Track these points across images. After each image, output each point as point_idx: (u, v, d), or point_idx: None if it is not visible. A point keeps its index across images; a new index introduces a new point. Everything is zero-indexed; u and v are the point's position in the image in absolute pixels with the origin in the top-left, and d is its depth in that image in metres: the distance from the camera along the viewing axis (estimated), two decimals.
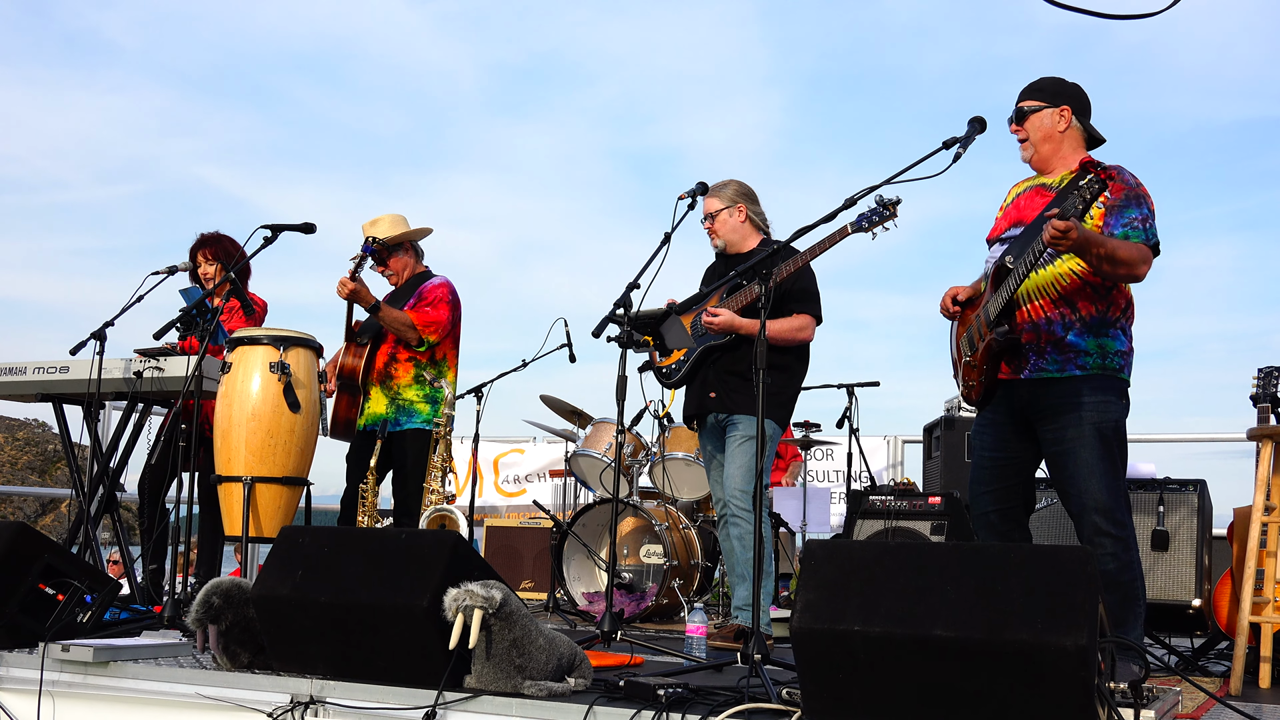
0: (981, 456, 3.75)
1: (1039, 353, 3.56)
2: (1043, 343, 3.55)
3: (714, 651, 4.06)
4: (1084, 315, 3.53)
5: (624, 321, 4.10)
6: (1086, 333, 3.53)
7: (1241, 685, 3.63)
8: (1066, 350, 3.53)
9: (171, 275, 5.20)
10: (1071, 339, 3.53)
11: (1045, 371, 3.55)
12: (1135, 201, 3.50)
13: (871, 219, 3.97)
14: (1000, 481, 3.71)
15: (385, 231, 5.38)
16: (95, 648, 3.37)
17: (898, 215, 3.95)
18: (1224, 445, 7.49)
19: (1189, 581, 4.53)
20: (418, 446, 5.26)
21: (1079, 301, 3.53)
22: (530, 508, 8.10)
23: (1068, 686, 2.34)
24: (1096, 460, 3.48)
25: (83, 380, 4.88)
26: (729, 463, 4.51)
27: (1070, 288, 3.53)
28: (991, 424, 3.72)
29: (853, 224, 4.03)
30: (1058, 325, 3.53)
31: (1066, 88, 3.72)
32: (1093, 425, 3.49)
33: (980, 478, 3.74)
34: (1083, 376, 3.52)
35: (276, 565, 3.25)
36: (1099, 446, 3.49)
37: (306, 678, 3.12)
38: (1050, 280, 3.55)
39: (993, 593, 2.47)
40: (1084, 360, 3.52)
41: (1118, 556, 3.44)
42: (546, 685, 2.90)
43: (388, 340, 5.32)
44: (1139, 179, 3.56)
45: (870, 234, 4.01)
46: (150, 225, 54.28)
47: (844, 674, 2.54)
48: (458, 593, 2.84)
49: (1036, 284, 3.57)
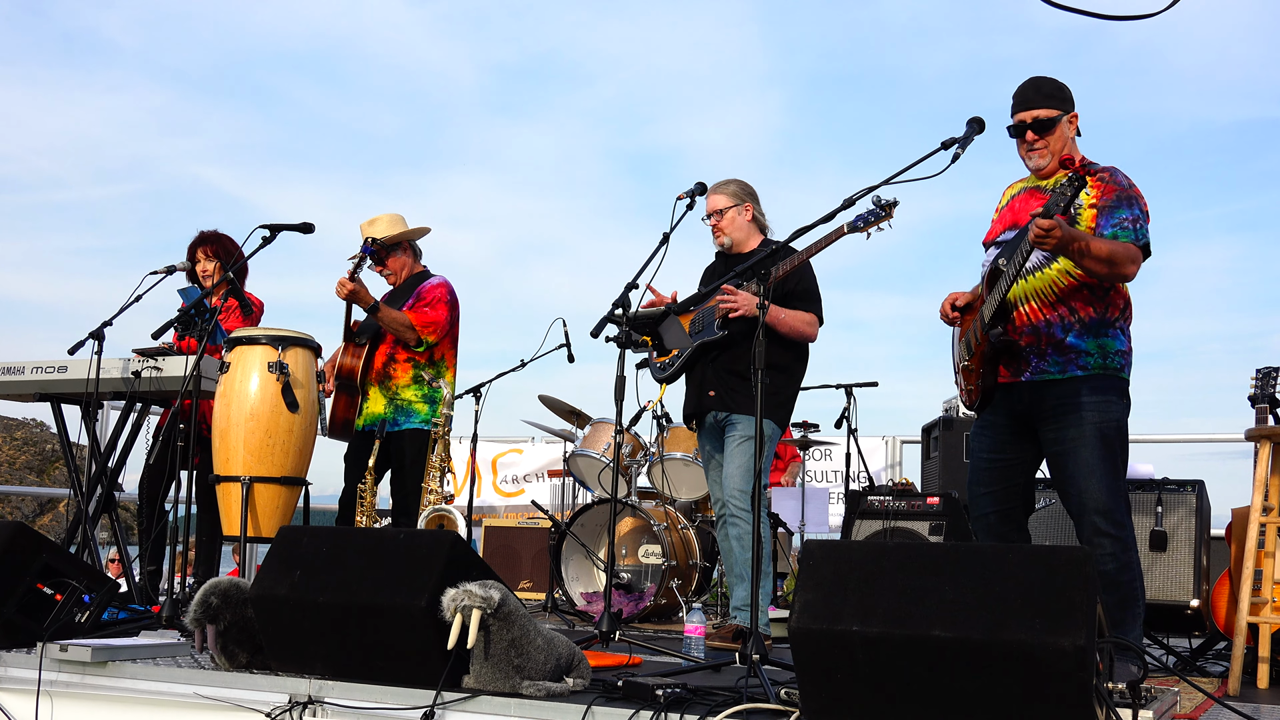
0: (980, 458, 3.75)
1: (1039, 355, 3.56)
2: (1043, 345, 3.56)
3: (712, 652, 4.07)
4: (1083, 317, 3.54)
5: (622, 321, 4.10)
6: (1086, 334, 3.54)
7: (1239, 685, 3.63)
8: (1067, 351, 3.54)
9: (170, 275, 5.20)
10: (1071, 340, 3.54)
11: (1046, 373, 3.56)
12: (1126, 202, 3.51)
13: (867, 219, 3.98)
14: (999, 483, 3.71)
15: (383, 231, 5.39)
16: (93, 648, 3.37)
17: (893, 216, 3.96)
18: (1222, 446, 7.51)
19: (1187, 582, 4.54)
20: (416, 446, 5.26)
21: (1077, 303, 3.54)
22: (528, 508, 8.11)
23: (1066, 687, 2.35)
24: (1097, 461, 3.49)
25: (81, 380, 4.88)
26: (727, 463, 4.51)
27: (1068, 289, 3.54)
28: (991, 426, 3.73)
29: (849, 224, 4.04)
30: (1057, 327, 3.54)
31: (1068, 91, 3.71)
32: (1094, 425, 3.50)
33: (979, 479, 3.75)
34: (1084, 377, 3.53)
35: (275, 565, 3.25)
36: (1100, 447, 3.49)
37: (305, 678, 3.12)
38: (1048, 283, 3.56)
39: (991, 593, 2.47)
40: (1085, 361, 3.53)
41: (1117, 557, 3.45)
42: (545, 685, 2.90)
43: (386, 340, 5.32)
44: (1132, 180, 3.57)
45: (865, 234, 4.02)
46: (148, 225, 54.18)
47: (842, 674, 2.55)
48: (456, 593, 2.84)
49: (1035, 287, 3.58)
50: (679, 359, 4.67)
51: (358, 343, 5.34)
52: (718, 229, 4.72)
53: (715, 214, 4.71)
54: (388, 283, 5.52)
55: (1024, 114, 3.68)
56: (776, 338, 4.45)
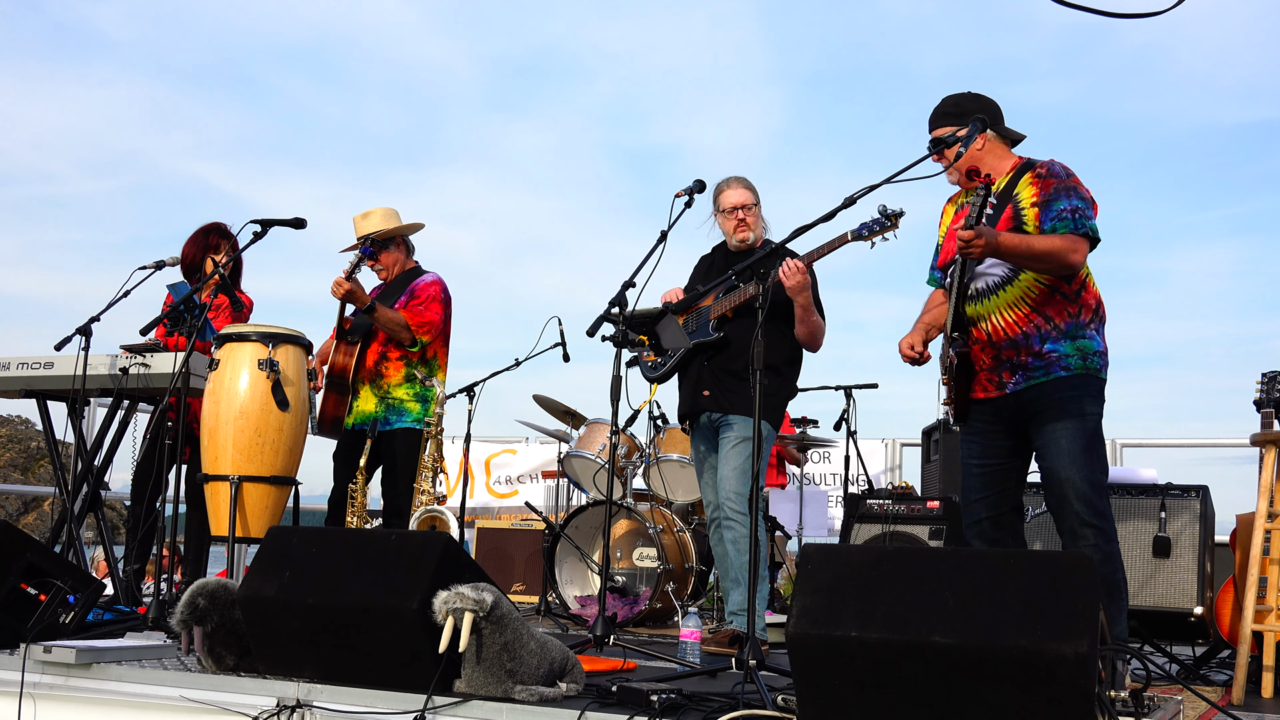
0: (970, 466, 3.81)
1: (1022, 367, 3.65)
2: (1023, 356, 3.64)
3: (708, 657, 4.06)
4: (1058, 324, 3.63)
5: (619, 320, 4.09)
6: (1063, 338, 3.63)
7: (1244, 695, 3.63)
8: (1047, 357, 3.62)
9: (159, 270, 5.19)
10: (1049, 347, 3.63)
11: (1032, 379, 3.63)
12: (1065, 193, 3.58)
13: (872, 228, 3.98)
14: (991, 488, 3.76)
15: (377, 224, 5.39)
16: (78, 649, 3.36)
17: (898, 226, 3.96)
18: (1227, 451, 7.50)
19: (1191, 589, 4.54)
20: (408, 446, 5.26)
21: (1051, 310, 3.63)
22: (522, 509, 8.09)
23: (1068, 695, 2.35)
24: (1079, 450, 3.55)
25: (67, 376, 4.87)
26: (722, 464, 4.50)
27: (1040, 297, 3.64)
28: (980, 434, 3.78)
29: (853, 232, 4.04)
30: (1034, 338, 3.63)
31: (972, 105, 3.79)
32: (1076, 418, 3.57)
33: (972, 485, 3.80)
34: (1067, 377, 3.61)
35: (263, 566, 3.25)
36: (1082, 437, 3.56)
37: (293, 681, 3.11)
38: (1020, 294, 3.65)
39: (991, 599, 2.47)
40: (1067, 363, 3.61)
41: (1100, 548, 3.51)
42: (538, 690, 2.90)
43: (378, 339, 5.31)
44: (1070, 170, 3.65)
45: (869, 243, 4.02)
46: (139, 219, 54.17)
47: (840, 680, 2.54)
48: (448, 595, 2.84)
49: (1008, 299, 3.66)
50: (671, 357, 4.67)
51: (349, 341, 5.33)
52: (744, 224, 4.65)
53: (744, 208, 4.65)
54: (379, 278, 5.51)
55: (930, 135, 3.82)
56: (783, 336, 4.45)
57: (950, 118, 3.78)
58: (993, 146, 3.78)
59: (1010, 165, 3.74)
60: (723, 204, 4.68)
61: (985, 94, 3.83)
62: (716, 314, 4.56)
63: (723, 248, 4.80)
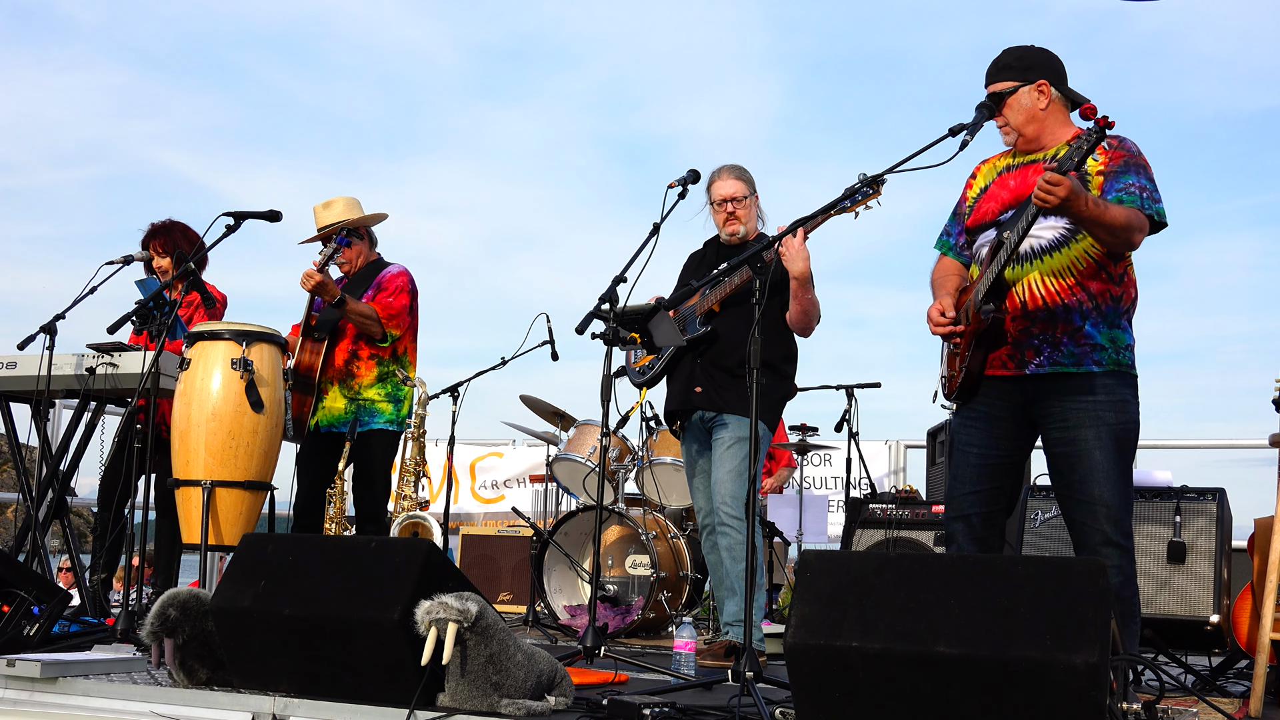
0: (967, 454, 3.68)
1: (1053, 344, 3.51)
2: (1058, 333, 3.51)
3: (703, 669, 4.07)
4: (1100, 304, 3.50)
5: (609, 317, 4.09)
6: (1101, 322, 3.50)
7: (1262, 706, 3.64)
8: (1083, 343, 3.49)
9: (127, 265, 5.18)
10: (1088, 329, 3.49)
11: (1060, 365, 3.51)
12: (1135, 169, 3.48)
13: (854, 197, 3.94)
14: (988, 483, 3.65)
15: (340, 214, 5.40)
16: (43, 662, 3.35)
17: (881, 194, 3.92)
18: (1245, 452, 7.52)
19: (1207, 596, 4.55)
20: (381, 449, 5.25)
21: (1095, 286, 3.50)
22: (509, 515, 8.09)
23: (1078, 706, 2.35)
24: (1112, 465, 3.46)
25: (31, 377, 4.86)
26: (717, 467, 4.49)
27: (1088, 270, 3.50)
28: (986, 418, 3.66)
29: (834, 202, 3.99)
30: (1075, 313, 3.50)
31: (1036, 58, 3.66)
32: (1110, 426, 3.47)
33: (965, 476, 3.68)
34: (1100, 373, 3.49)
35: (237, 575, 3.24)
36: (1115, 450, 3.47)
37: (269, 695, 3.11)
38: (1068, 263, 3.51)
39: (999, 607, 2.48)
40: (1099, 355, 3.50)
41: (1123, 569, 3.44)
42: (525, 704, 2.90)
43: (348, 336, 5.29)
44: (1140, 149, 3.55)
45: (853, 213, 3.99)
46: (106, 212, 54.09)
47: (841, 693, 2.55)
48: (431, 605, 2.84)
49: (1055, 266, 3.52)
50: (658, 360, 4.66)
51: (316, 338, 5.30)
52: (735, 217, 4.63)
53: (734, 200, 4.62)
54: (340, 271, 5.48)
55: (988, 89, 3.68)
56: (780, 332, 4.45)
57: (1012, 70, 3.62)
58: (1056, 109, 3.64)
59: (1071, 135, 3.60)
60: (713, 195, 4.66)
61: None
62: (704, 309, 4.56)
63: (715, 242, 4.80)
